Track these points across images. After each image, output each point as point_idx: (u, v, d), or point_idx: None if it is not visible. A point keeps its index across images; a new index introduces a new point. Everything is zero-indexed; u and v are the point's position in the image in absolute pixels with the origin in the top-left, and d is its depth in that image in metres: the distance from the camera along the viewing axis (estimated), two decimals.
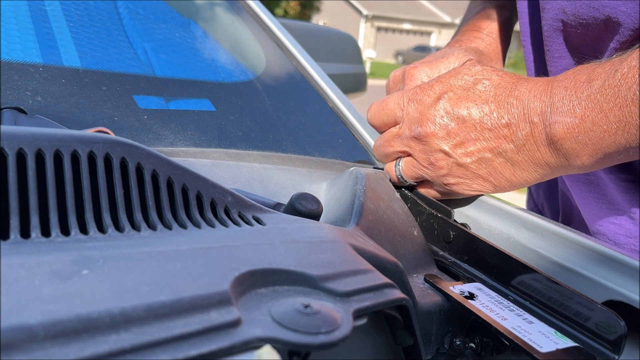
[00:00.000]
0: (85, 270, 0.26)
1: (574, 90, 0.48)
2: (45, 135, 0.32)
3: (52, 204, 0.31)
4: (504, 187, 0.54)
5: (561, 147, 0.49)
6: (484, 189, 0.55)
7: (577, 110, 0.47)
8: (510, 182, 0.54)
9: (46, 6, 0.75)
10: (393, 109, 0.57)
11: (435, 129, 0.53)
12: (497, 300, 0.43)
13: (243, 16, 0.97)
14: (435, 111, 0.53)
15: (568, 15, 0.58)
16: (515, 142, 0.51)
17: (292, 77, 0.89)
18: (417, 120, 0.54)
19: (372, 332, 0.37)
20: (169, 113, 0.68)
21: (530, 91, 0.50)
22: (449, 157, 0.53)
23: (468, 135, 0.52)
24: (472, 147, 0.52)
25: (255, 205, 0.40)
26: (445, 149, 0.53)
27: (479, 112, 0.52)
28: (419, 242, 0.53)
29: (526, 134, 0.50)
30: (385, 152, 0.58)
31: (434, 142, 0.53)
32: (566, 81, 0.49)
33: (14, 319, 0.22)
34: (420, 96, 0.54)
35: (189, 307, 0.26)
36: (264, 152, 0.64)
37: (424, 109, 0.53)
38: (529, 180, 0.53)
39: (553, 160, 0.50)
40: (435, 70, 0.65)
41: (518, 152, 0.51)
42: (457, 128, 0.52)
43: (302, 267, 0.32)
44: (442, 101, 0.53)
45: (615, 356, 0.38)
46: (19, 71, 0.61)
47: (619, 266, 0.44)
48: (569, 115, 0.47)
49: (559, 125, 0.48)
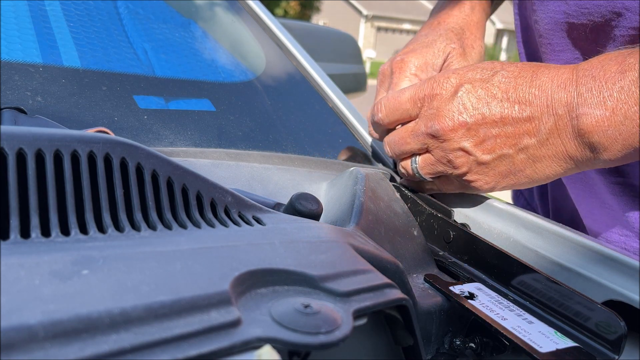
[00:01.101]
0: (85, 270, 0.26)
1: (604, 81, 0.45)
2: (45, 135, 0.32)
3: (52, 204, 0.31)
4: (523, 184, 0.52)
5: (588, 141, 0.46)
6: (503, 185, 0.53)
7: (608, 103, 0.45)
8: (531, 178, 0.51)
9: (46, 6, 0.75)
10: (407, 106, 0.54)
11: (454, 125, 0.50)
12: (497, 300, 0.43)
13: (243, 16, 0.97)
14: (453, 106, 0.50)
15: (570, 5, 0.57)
16: (538, 137, 0.48)
17: (292, 77, 0.89)
18: (434, 116, 0.51)
19: (372, 332, 0.37)
20: (169, 113, 0.68)
21: (552, 80, 0.48)
22: (469, 155, 0.51)
23: (488, 131, 0.49)
24: (493, 144, 0.50)
25: (255, 205, 0.40)
26: (465, 147, 0.50)
27: (499, 106, 0.49)
28: (419, 242, 0.53)
29: (550, 127, 0.48)
30: (401, 149, 0.55)
31: (453, 140, 0.50)
32: (593, 70, 0.46)
33: (14, 319, 0.22)
34: (436, 90, 0.51)
35: (189, 307, 0.26)
36: (264, 152, 0.64)
37: (441, 104, 0.51)
38: (550, 176, 0.51)
39: (578, 154, 0.48)
40: (422, 58, 0.64)
41: (541, 146, 0.49)
42: (476, 124, 0.49)
43: (302, 267, 0.32)
44: (459, 95, 0.50)
45: (615, 356, 0.38)
46: (19, 71, 0.61)
47: (619, 266, 0.44)
48: (599, 107, 0.45)
49: (588, 118, 0.45)
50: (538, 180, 0.52)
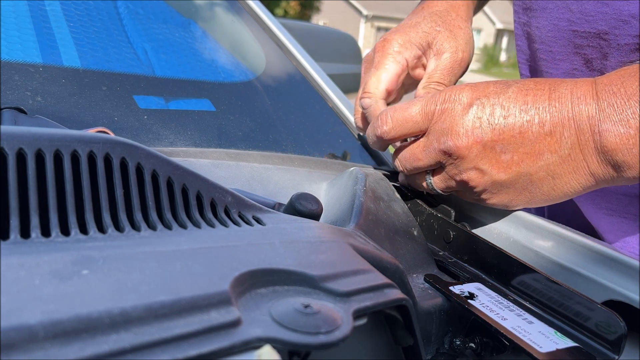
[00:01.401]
0: (85, 270, 0.26)
1: (626, 98, 0.43)
2: (45, 135, 0.32)
3: (52, 204, 0.31)
4: (537, 201, 0.50)
5: (612, 159, 0.44)
6: (516, 202, 0.51)
7: (631, 121, 0.43)
8: (547, 196, 0.49)
9: (46, 6, 0.75)
10: (417, 119, 0.50)
11: (469, 142, 0.47)
12: (497, 300, 0.43)
13: (243, 16, 0.97)
14: (467, 121, 0.47)
15: (574, 12, 0.56)
16: (559, 152, 0.46)
17: (292, 77, 0.89)
18: (447, 132, 0.48)
19: (372, 332, 0.37)
20: (169, 113, 0.68)
21: (572, 92, 0.46)
22: (484, 175, 0.48)
23: (505, 148, 0.46)
24: (510, 162, 0.47)
25: (255, 205, 0.40)
26: (480, 167, 0.48)
27: (518, 119, 0.46)
28: (419, 242, 0.53)
29: (572, 142, 0.45)
30: (413, 165, 0.52)
31: (468, 158, 0.48)
32: (614, 86, 0.44)
33: (14, 319, 0.22)
34: (448, 104, 0.48)
35: (189, 307, 0.26)
36: (264, 152, 0.64)
37: (454, 118, 0.47)
38: (567, 193, 0.48)
39: (600, 172, 0.46)
40: (405, 36, 0.62)
41: (562, 163, 0.46)
42: (492, 140, 0.46)
43: (302, 267, 0.32)
44: (473, 109, 0.47)
45: (615, 356, 0.38)
46: (19, 71, 0.61)
47: (619, 266, 0.44)
48: (622, 125, 0.43)
49: (611, 135, 0.44)
50: (554, 197, 0.49)
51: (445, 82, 0.62)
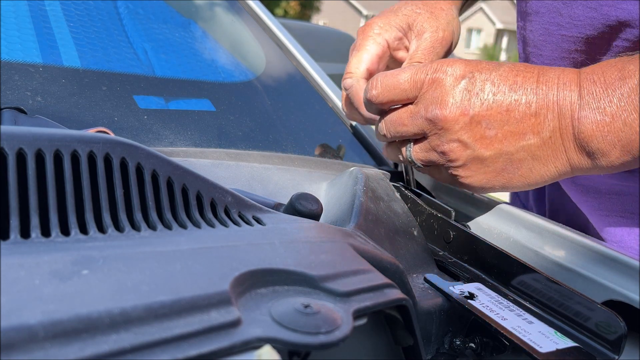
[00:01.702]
0: (85, 270, 0.26)
1: (605, 87, 0.45)
2: (45, 135, 0.32)
3: (52, 204, 0.31)
4: (515, 185, 0.50)
5: (587, 145, 0.46)
6: (494, 184, 0.51)
7: (607, 109, 0.44)
8: (525, 178, 0.49)
9: (46, 6, 0.75)
10: (405, 86, 0.50)
11: (456, 114, 0.47)
12: (497, 300, 0.43)
13: (243, 16, 0.97)
14: (457, 93, 0.47)
15: (564, 17, 0.56)
16: (541, 135, 0.47)
17: (292, 77, 0.89)
18: (436, 101, 0.48)
19: (372, 332, 0.37)
20: (169, 113, 0.68)
21: (559, 78, 0.47)
22: (466, 148, 0.48)
23: (491, 124, 0.47)
24: (494, 139, 0.47)
25: (255, 205, 0.40)
26: (464, 139, 0.48)
27: (506, 97, 0.47)
28: (419, 242, 0.53)
29: (553, 126, 0.46)
30: (397, 130, 0.52)
31: (452, 130, 0.48)
32: (595, 75, 0.46)
33: (14, 319, 0.22)
34: (439, 74, 0.48)
35: (189, 307, 0.26)
36: (264, 152, 0.64)
37: (445, 89, 0.48)
38: (544, 177, 0.49)
39: (576, 158, 0.47)
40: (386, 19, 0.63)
41: (542, 145, 0.47)
42: (480, 115, 0.47)
43: (302, 267, 0.32)
44: (465, 81, 0.47)
45: (615, 356, 0.38)
46: (19, 71, 0.61)
47: (619, 266, 0.44)
48: (598, 112, 0.44)
49: (588, 121, 0.45)
50: (531, 181, 0.50)
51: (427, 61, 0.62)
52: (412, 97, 0.50)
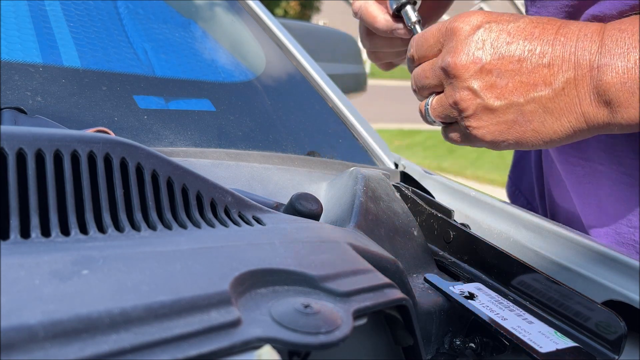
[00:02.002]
0: (85, 270, 0.26)
1: (631, 33, 0.44)
2: (45, 135, 0.32)
3: (52, 204, 0.31)
4: (528, 140, 0.49)
5: (605, 94, 0.44)
6: (506, 137, 0.50)
7: (631, 55, 0.43)
8: (538, 133, 0.48)
9: (46, 6, 0.75)
10: (431, 41, 0.51)
11: (467, 61, 0.47)
12: (497, 300, 0.43)
13: (243, 16, 0.97)
14: (471, 41, 0.48)
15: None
16: (553, 86, 0.46)
17: (292, 77, 0.89)
18: (451, 50, 0.48)
19: (372, 332, 0.37)
20: (169, 113, 0.68)
21: (580, 30, 0.46)
22: (476, 97, 0.48)
23: (502, 73, 0.47)
24: (504, 89, 0.47)
25: (255, 205, 0.40)
26: (474, 87, 0.48)
27: (520, 47, 0.46)
28: (419, 242, 0.53)
29: (568, 77, 0.45)
30: (422, 83, 0.53)
31: (462, 77, 0.48)
32: (622, 24, 0.45)
33: (14, 319, 0.22)
34: (457, 23, 0.49)
35: (189, 307, 0.26)
36: (264, 152, 0.64)
37: (460, 37, 0.48)
38: (558, 133, 0.48)
39: (591, 111, 0.46)
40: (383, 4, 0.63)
41: (554, 97, 0.46)
42: (491, 64, 0.47)
43: (302, 267, 0.31)
44: (480, 31, 0.48)
45: (615, 356, 0.38)
46: (19, 71, 0.61)
47: (619, 266, 0.44)
48: (621, 58, 0.43)
49: (609, 69, 0.44)
50: (545, 137, 0.49)
51: None
52: (437, 50, 0.51)
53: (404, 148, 6.61)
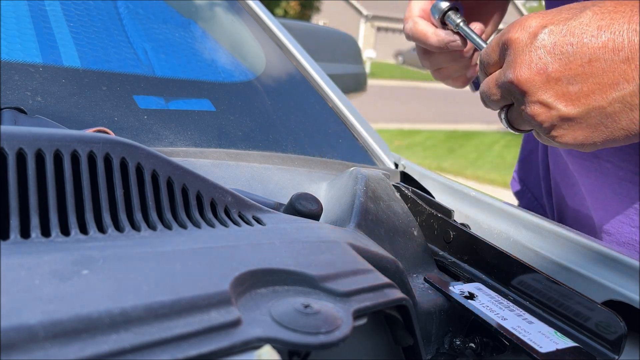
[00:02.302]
0: (85, 270, 0.26)
1: None
2: (45, 135, 0.32)
3: (52, 204, 0.31)
4: (619, 138, 0.45)
5: None
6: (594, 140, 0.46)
7: None
8: (628, 131, 0.44)
9: (46, 6, 0.75)
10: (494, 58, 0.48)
11: (531, 74, 0.43)
12: (497, 300, 0.43)
13: (243, 16, 0.97)
14: (532, 51, 0.44)
15: None
16: (637, 81, 0.41)
17: (292, 77, 0.89)
18: (511, 64, 0.45)
19: (372, 332, 0.37)
20: (169, 113, 0.68)
21: None
22: (550, 109, 0.44)
23: (573, 78, 0.42)
24: (579, 93, 0.43)
25: (255, 205, 0.40)
26: (545, 100, 0.44)
27: (588, 47, 0.42)
28: (419, 242, 0.53)
29: None
30: (491, 100, 0.50)
31: (530, 92, 0.44)
32: None
33: (14, 319, 0.22)
34: (511, 34, 0.45)
35: (189, 307, 0.26)
36: (264, 152, 0.64)
37: (518, 49, 0.44)
38: None
39: None
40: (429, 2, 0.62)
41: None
42: (558, 70, 0.43)
43: (302, 267, 0.32)
44: (539, 38, 0.43)
45: (615, 356, 0.38)
46: (19, 71, 0.61)
47: (619, 266, 0.44)
48: None
49: None
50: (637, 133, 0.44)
51: None
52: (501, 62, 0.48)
53: (404, 148, 6.62)
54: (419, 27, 0.61)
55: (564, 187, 0.74)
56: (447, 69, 0.65)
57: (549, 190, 0.80)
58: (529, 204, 0.86)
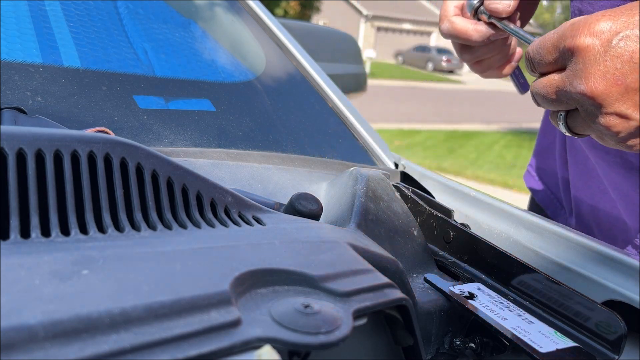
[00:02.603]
0: (85, 270, 0.26)
1: None
2: (45, 135, 0.32)
3: (52, 204, 0.31)
4: None
5: None
6: None
7: None
8: None
9: (46, 6, 0.75)
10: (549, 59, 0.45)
11: (608, 86, 0.41)
12: (497, 300, 0.43)
13: (243, 16, 0.97)
14: (607, 60, 0.40)
15: None
16: None
17: (292, 77, 0.89)
18: (581, 74, 0.42)
19: (372, 332, 0.37)
20: (169, 113, 0.68)
21: None
22: (627, 120, 0.42)
23: None
24: None
25: (255, 205, 0.40)
26: (622, 112, 0.41)
27: None
28: (419, 242, 0.53)
29: None
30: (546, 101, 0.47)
31: (606, 103, 0.41)
32: None
33: (14, 319, 0.22)
34: (581, 40, 0.41)
35: (189, 307, 0.26)
36: (264, 152, 0.64)
37: (591, 58, 0.41)
38: None
39: None
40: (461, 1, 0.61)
41: None
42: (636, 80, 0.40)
43: (302, 267, 0.32)
44: (613, 45, 0.40)
45: (615, 356, 0.38)
46: (19, 71, 0.61)
47: (619, 266, 0.44)
48: None
49: None
50: None
51: None
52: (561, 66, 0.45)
53: (404, 148, 6.62)
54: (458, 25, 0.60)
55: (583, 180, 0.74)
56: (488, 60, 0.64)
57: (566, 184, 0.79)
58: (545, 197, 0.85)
